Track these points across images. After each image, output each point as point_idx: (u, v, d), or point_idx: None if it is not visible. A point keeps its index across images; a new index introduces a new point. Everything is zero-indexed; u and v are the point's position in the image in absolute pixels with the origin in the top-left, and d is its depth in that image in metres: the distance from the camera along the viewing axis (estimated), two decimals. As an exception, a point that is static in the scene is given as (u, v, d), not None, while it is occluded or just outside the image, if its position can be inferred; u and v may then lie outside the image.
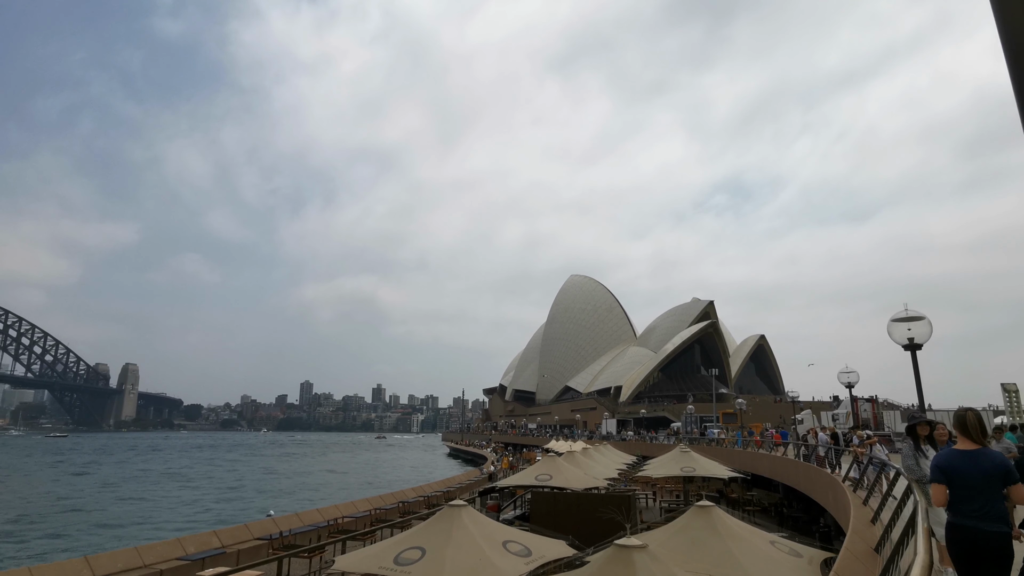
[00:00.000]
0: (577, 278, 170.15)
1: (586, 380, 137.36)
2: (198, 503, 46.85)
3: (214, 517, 38.84)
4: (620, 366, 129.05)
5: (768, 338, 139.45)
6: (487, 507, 23.29)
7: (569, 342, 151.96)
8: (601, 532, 12.22)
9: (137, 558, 14.98)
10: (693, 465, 22.49)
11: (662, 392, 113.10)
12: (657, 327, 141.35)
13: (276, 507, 38.66)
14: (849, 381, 24.00)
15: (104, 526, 34.99)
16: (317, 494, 53.18)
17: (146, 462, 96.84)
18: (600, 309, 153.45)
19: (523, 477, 20.91)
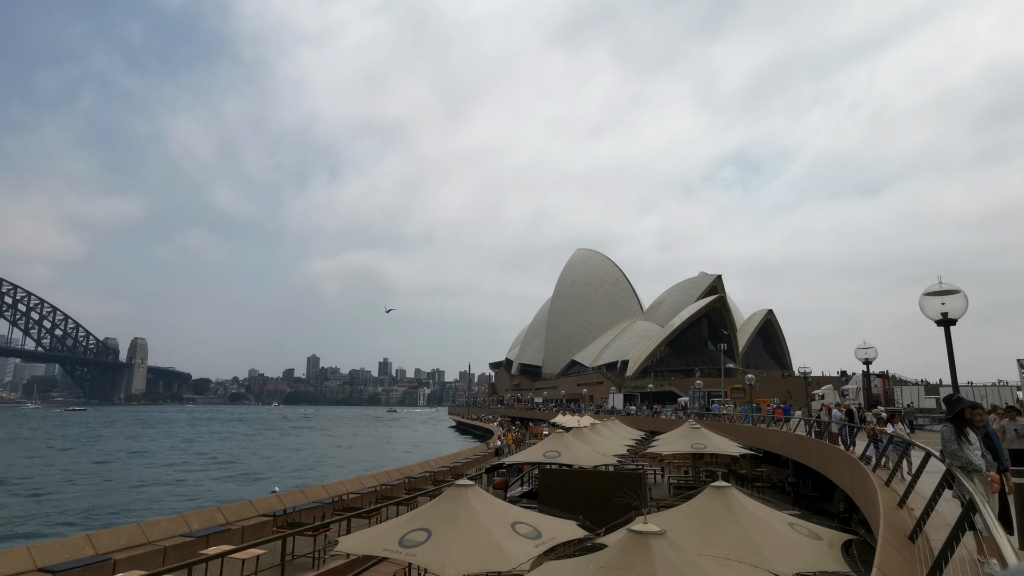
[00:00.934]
0: (584, 252, 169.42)
1: (592, 354, 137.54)
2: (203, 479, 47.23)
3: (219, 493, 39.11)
4: (627, 340, 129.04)
5: (776, 313, 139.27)
6: (494, 484, 23.20)
7: (575, 316, 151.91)
8: (612, 512, 11.93)
9: (140, 535, 14.86)
10: (703, 441, 22.24)
11: (669, 367, 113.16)
12: (664, 301, 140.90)
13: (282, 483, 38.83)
14: (867, 357, 23.56)
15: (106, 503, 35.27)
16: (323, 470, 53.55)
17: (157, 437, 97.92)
18: (607, 283, 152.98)
19: (531, 454, 20.72)
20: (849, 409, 19.76)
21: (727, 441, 24.73)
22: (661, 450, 23.59)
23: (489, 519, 8.54)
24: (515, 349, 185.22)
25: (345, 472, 47.41)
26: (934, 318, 9.32)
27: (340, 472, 47.96)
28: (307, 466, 56.17)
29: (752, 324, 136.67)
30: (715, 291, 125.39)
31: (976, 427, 6.53)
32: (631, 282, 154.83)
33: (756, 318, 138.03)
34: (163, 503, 34.80)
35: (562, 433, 21.09)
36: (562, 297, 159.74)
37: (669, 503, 18.22)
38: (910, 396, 39.38)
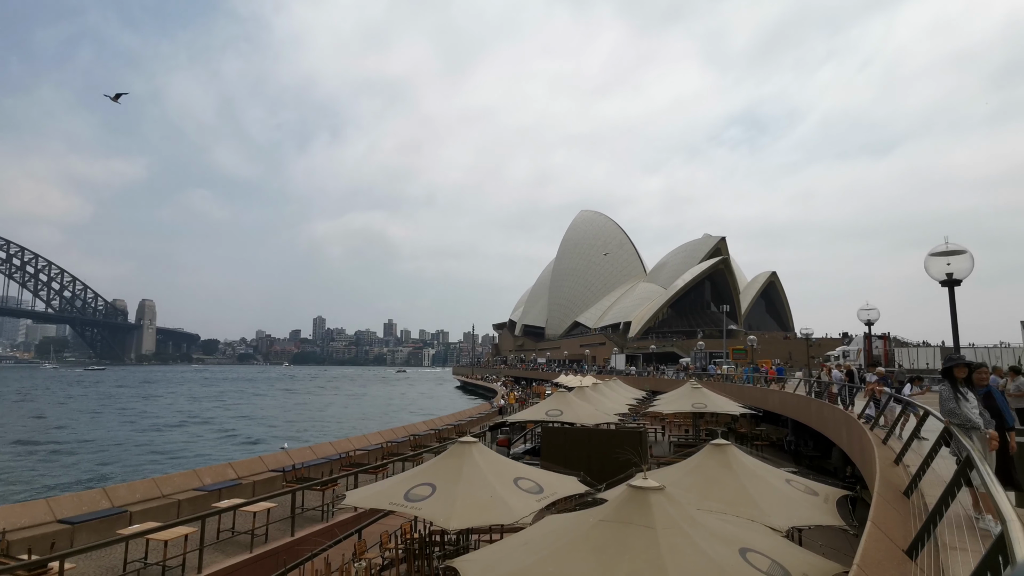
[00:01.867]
0: (587, 213, 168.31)
1: (595, 315, 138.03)
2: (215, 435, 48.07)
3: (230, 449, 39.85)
4: (630, 302, 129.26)
5: (779, 275, 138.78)
6: (497, 442, 23.54)
7: (579, 278, 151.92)
8: (613, 468, 12.14)
9: (155, 488, 15.21)
10: (704, 401, 22.47)
11: (671, 328, 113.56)
12: (667, 263, 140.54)
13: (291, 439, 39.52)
14: (869, 318, 23.54)
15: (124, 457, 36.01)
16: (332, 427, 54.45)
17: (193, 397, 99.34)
18: (610, 244, 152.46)
19: (534, 412, 20.97)
20: (849, 369, 19.85)
21: (727, 401, 24.97)
22: (662, 409, 23.86)
23: (492, 475, 8.69)
24: (518, 310, 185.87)
25: (352, 429, 48.14)
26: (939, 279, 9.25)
27: (348, 429, 48.71)
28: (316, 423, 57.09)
29: (755, 286, 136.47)
30: (719, 253, 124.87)
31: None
32: (634, 244, 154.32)
33: (759, 280, 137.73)
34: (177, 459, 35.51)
35: (564, 392, 21.29)
36: (565, 258, 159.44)
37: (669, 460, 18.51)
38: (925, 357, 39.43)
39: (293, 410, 73.32)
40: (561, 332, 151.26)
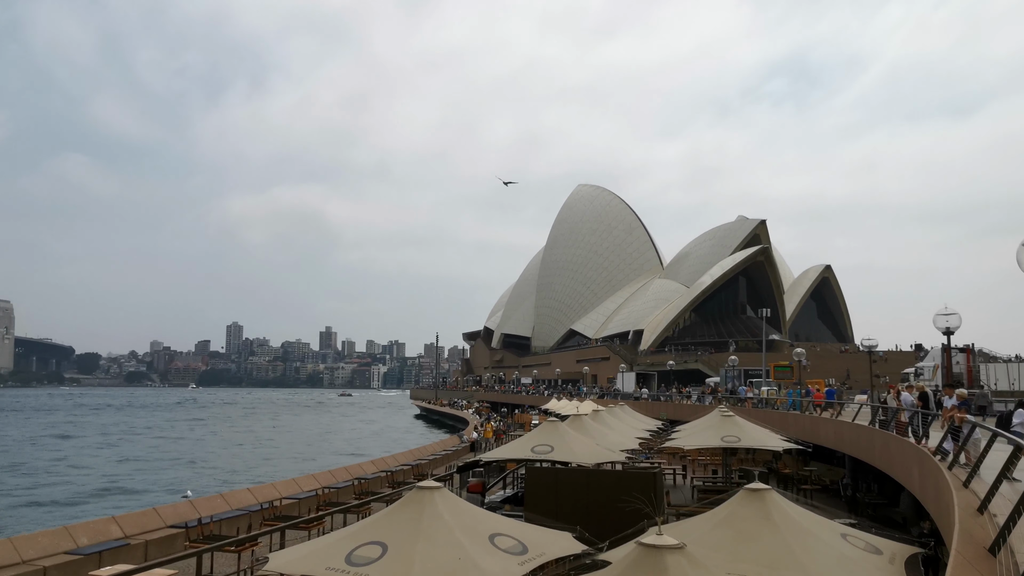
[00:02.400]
0: (587, 189, 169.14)
1: (597, 322, 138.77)
2: (93, 479, 47.49)
3: (115, 499, 39.41)
4: (641, 304, 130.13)
5: (835, 270, 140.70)
6: (468, 487, 23.61)
7: (575, 273, 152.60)
8: (618, 521, 12.21)
9: (12, 552, 14.99)
10: (737, 433, 22.68)
11: (695, 338, 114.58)
12: (690, 254, 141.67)
13: (196, 486, 39.23)
14: (948, 326, 23.99)
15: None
16: (251, 469, 54.01)
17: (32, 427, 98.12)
18: (616, 230, 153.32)
19: (515, 448, 21.01)
20: (924, 392, 20.20)
21: (768, 433, 25.22)
22: (683, 444, 24.01)
23: (461, 530, 8.69)
24: (496, 315, 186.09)
25: (279, 472, 47.90)
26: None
27: (272, 472, 48.47)
28: (231, 465, 56.66)
29: (803, 284, 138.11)
30: (757, 241, 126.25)
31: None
32: (648, 229, 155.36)
33: (809, 277, 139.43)
34: (45, 513, 35.03)
35: (556, 422, 21.34)
36: (558, 248, 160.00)
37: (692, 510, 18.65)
38: (1017, 375, 40.16)
39: (200, 446, 72.74)
40: (552, 344, 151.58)
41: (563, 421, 23.36)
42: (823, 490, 28.97)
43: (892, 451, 19.80)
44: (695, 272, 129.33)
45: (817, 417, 32.13)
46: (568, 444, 19.67)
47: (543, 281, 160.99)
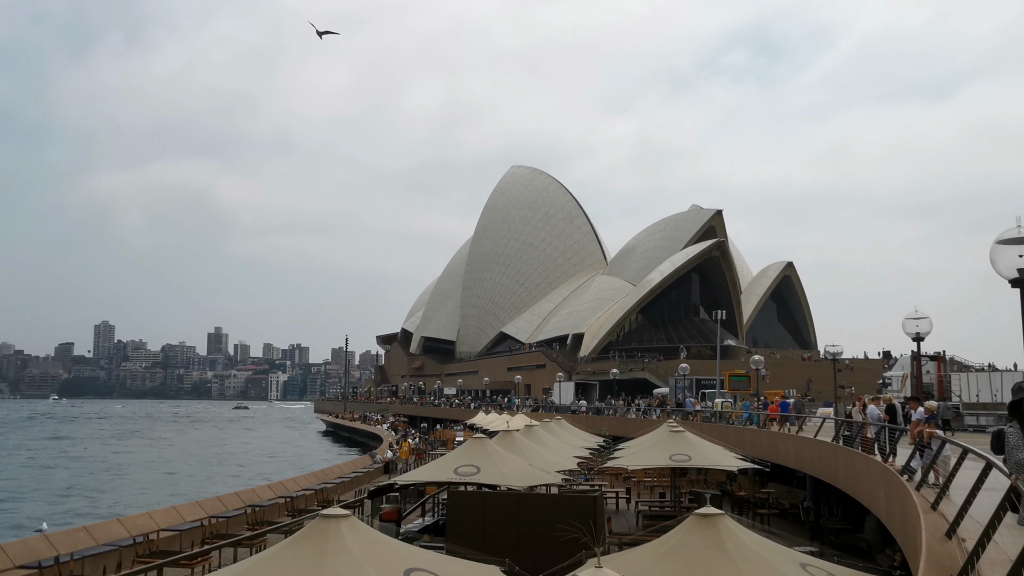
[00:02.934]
0: (522, 171, 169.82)
1: (532, 325, 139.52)
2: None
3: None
4: (582, 304, 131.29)
5: (798, 267, 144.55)
6: (381, 515, 23.44)
7: (507, 267, 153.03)
8: (553, 552, 12.33)
9: None
10: (688, 451, 23.11)
11: (643, 344, 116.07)
12: (638, 248, 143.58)
13: (51, 518, 37.95)
14: (918, 331, 24.91)
15: None
16: (122, 496, 52.58)
17: None
18: (555, 219, 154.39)
19: (436, 469, 20.99)
20: (891, 404, 20.89)
21: (721, 450, 25.79)
22: (627, 463, 24.36)
23: (372, 565, 8.63)
24: (416, 316, 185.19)
25: (155, 499, 46.77)
26: (1008, 276, 9.85)
27: (148, 499, 47.30)
28: (95, 489, 55.08)
29: (763, 283, 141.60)
30: (712, 234, 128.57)
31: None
32: (590, 218, 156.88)
33: (769, 275, 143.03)
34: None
35: (483, 439, 21.40)
36: (488, 239, 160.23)
37: (636, 538, 18.95)
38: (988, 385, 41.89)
39: (59, 468, 70.60)
40: (480, 349, 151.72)
41: (491, 438, 23.43)
42: (782, 514, 29.75)
43: (857, 471, 20.46)
44: (643, 268, 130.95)
45: (776, 433, 32.99)
46: (497, 464, 19.72)
47: (470, 277, 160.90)
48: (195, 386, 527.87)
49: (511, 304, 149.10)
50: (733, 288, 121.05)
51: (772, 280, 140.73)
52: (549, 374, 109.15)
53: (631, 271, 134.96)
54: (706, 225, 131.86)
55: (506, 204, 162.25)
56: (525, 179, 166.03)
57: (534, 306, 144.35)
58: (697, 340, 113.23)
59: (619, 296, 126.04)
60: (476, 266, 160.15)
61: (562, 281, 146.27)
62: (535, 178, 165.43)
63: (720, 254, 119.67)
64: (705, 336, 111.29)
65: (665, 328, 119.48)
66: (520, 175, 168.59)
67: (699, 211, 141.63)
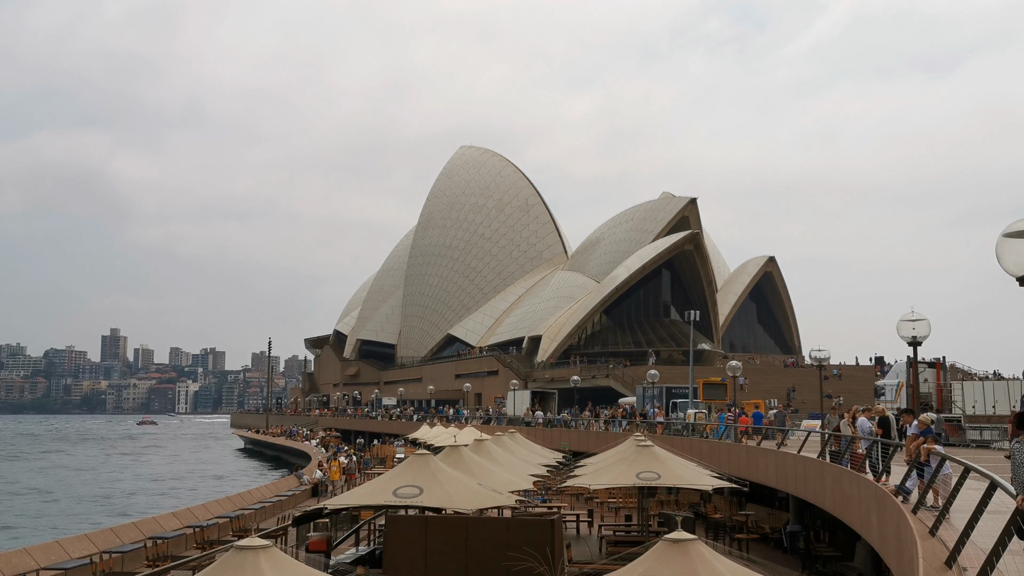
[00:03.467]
0: (472, 153, 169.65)
1: (483, 326, 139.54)
2: None
3: None
4: (540, 303, 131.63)
5: (781, 262, 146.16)
6: (308, 544, 23.24)
7: (456, 262, 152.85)
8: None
9: None
10: (657, 468, 23.24)
11: (607, 347, 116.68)
12: (602, 240, 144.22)
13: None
14: (915, 334, 25.24)
15: None
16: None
17: None
18: (509, 207, 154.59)
19: (373, 491, 20.81)
20: (884, 416, 21.18)
21: (694, 468, 25.96)
22: (589, 482, 24.42)
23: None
24: (351, 316, 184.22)
25: (41, 531, 45.93)
26: (1016, 273, 9.93)
27: (29, 534, 46.38)
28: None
29: (741, 280, 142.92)
30: (685, 225, 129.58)
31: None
32: (549, 207, 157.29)
33: (748, 271, 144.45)
34: None
35: (427, 456, 21.26)
36: (434, 229, 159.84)
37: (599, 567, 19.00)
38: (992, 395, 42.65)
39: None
40: (424, 354, 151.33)
41: (436, 454, 23.32)
42: (762, 539, 30.09)
43: (846, 491, 20.70)
44: (608, 263, 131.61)
45: (756, 448, 33.30)
46: (442, 484, 19.62)
47: (414, 272, 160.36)
48: (86, 398, 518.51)
49: (460, 303, 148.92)
50: (708, 286, 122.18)
51: (752, 277, 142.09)
52: (502, 381, 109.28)
53: (595, 266, 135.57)
54: (678, 215, 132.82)
55: (455, 190, 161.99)
56: (476, 162, 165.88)
57: (486, 305, 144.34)
58: (668, 344, 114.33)
59: (581, 294, 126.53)
60: (420, 260, 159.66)
61: (517, 277, 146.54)
62: (487, 160, 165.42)
63: (694, 247, 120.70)
64: (677, 339, 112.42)
65: (632, 330, 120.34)
66: (470, 157, 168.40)
67: (671, 199, 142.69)
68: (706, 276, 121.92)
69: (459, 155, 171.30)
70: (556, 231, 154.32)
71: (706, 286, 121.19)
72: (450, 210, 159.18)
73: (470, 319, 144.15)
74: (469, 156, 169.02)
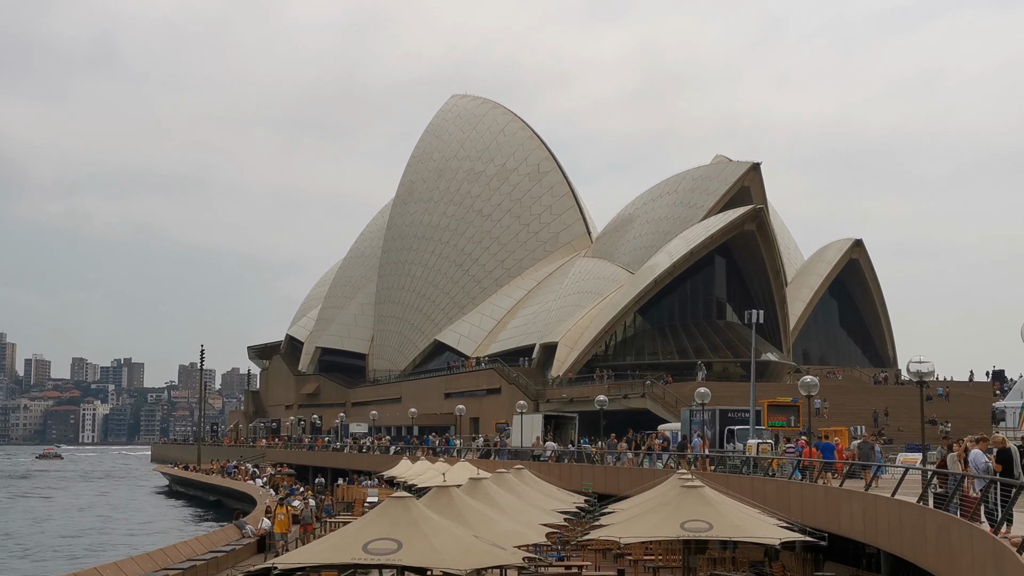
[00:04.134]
0: (467, 105, 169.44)
1: (481, 331, 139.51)
2: None
3: None
4: (555, 302, 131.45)
5: (869, 247, 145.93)
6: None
7: (446, 247, 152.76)
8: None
9: None
10: (708, 516, 23.20)
11: (643, 358, 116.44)
12: (637, 218, 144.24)
13: None
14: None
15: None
16: None
17: None
18: (515, 175, 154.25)
19: (336, 546, 20.85)
20: (1005, 448, 21.04)
21: (756, 515, 25.95)
22: (619, 534, 24.39)
23: None
24: (308, 318, 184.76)
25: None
26: None
27: None
28: None
29: (819, 272, 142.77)
30: (745, 199, 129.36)
31: None
32: (567, 175, 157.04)
33: (828, 259, 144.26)
34: None
35: (408, 500, 21.27)
36: (416, 204, 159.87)
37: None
38: None
39: None
40: (405, 366, 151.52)
41: (420, 497, 23.38)
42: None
43: (955, 545, 20.60)
44: (644, 248, 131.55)
45: (837, 490, 33.23)
46: (427, 537, 19.66)
47: (391, 259, 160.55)
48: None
49: (451, 300, 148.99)
50: (775, 278, 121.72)
51: (832, 267, 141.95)
52: (506, 403, 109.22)
53: (627, 252, 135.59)
54: (736, 186, 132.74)
55: (444, 153, 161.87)
56: (472, 116, 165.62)
57: (485, 303, 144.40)
58: (722, 353, 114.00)
59: (609, 289, 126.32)
60: (399, 244, 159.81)
61: (526, 266, 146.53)
62: (487, 114, 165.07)
63: (756, 227, 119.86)
64: (734, 348, 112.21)
65: (676, 336, 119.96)
66: (465, 110, 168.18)
67: (726, 165, 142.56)
68: (772, 265, 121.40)
69: (449, 108, 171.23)
70: (577, 206, 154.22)
71: (772, 278, 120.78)
72: (438, 179, 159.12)
73: (464, 321, 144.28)
74: (463, 109, 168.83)
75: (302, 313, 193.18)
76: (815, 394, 52.27)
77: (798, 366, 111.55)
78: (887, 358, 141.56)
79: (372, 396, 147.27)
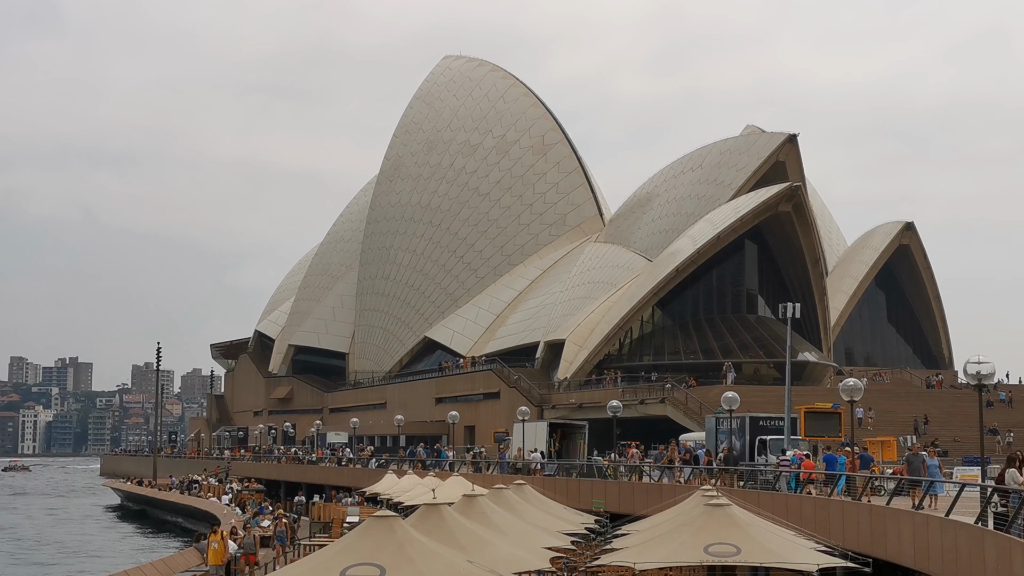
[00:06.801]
0: (461, 67, 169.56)
1: (477, 327, 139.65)
2: None
3: None
4: (562, 293, 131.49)
5: (922, 231, 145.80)
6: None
7: (437, 230, 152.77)
8: None
9: None
10: (735, 539, 23.26)
11: (663, 357, 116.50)
12: (657, 198, 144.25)
13: None
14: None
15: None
16: None
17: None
18: (517, 148, 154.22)
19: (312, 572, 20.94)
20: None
21: (791, 537, 26.00)
22: (635, 559, 24.44)
23: None
24: (279, 312, 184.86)
25: None
26: None
27: None
28: None
29: (864, 259, 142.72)
30: (780, 175, 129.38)
31: None
32: (576, 148, 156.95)
33: (874, 246, 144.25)
34: None
35: (393, 520, 21.33)
36: (404, 181, 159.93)
37: None
38: None
39: None
40: (390, 367, 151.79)
41: (406, 517, 23.45)
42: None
43: (1017, 572, 20.70)
44: (664, 232, 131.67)
45: (883, 508, 33.29)
46: (414, 562, 19.74)
47: (374, 245, 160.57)
48: None
49: (444, 292, 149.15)
50: (814, 266, 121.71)
51: (879, 254, 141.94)
52: (506, 408, 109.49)
53: (644, 236, 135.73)
54: (770, 160, 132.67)
55: (435, 122, 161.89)
56: (468, 80, 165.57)
57: (482, 295, 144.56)
58: (753, 353, 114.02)
59: (624, 278, 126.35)
60: (384, 227, 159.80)
61: (529, 253, 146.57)
62: (484, 78, 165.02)
63: (793, 208, 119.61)
64: (766, 347, 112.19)
65: (700, 333, 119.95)
66: (459, 73, 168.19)
67: (758, 137, 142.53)
68: (811, 252, 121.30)
69: (441, 71, 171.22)
70: (587, 184, 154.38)
71: (811, 267, 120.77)
72: (429, 153, 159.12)
73: (458, 316, 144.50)
74: (457, 72, 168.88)
75: (273, 306, 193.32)
76: (859, 399, 52.30)
77: (840, 368, 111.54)
78: (941, 358, 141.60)
79: (353, 401, 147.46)
